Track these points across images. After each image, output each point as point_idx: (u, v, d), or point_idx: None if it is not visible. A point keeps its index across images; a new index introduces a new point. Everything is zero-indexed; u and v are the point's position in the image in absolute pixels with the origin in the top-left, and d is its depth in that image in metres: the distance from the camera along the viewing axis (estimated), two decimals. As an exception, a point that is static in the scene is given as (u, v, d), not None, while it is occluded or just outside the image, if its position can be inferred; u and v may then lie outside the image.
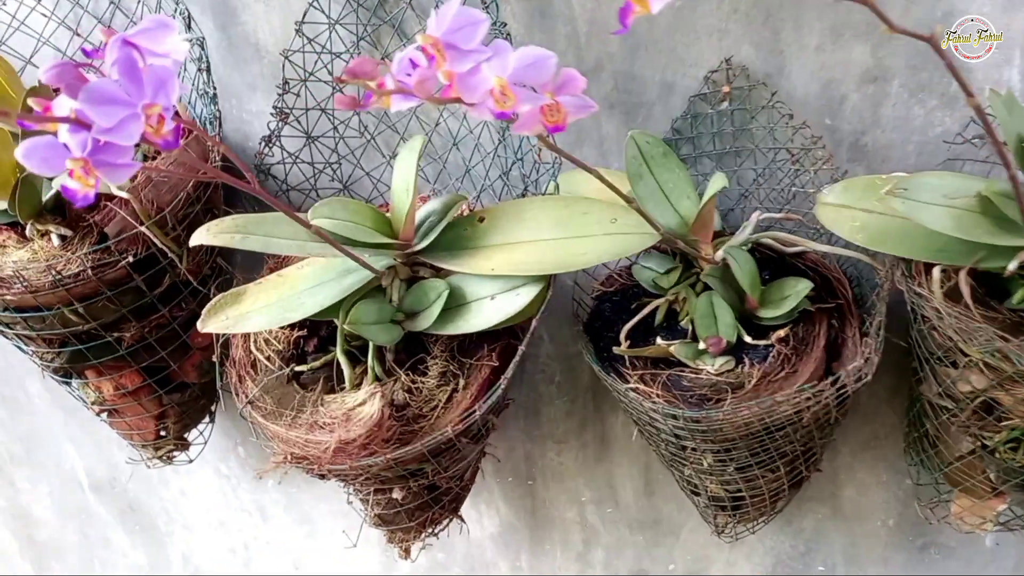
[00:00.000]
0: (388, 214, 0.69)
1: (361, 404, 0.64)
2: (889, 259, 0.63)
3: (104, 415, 0.87)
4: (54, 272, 0.68)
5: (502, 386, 0.64)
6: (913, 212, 0.54)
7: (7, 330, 0.76)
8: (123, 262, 0.68)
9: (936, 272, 0.56)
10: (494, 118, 0.38)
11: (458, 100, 0.39)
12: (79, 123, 0.37)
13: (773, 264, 0.71)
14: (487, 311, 0.65)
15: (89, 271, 0.68)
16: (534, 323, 0.65)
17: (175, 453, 0.94)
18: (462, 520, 0.84)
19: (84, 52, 0.39)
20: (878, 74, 0.69)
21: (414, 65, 0.38)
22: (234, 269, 0.79)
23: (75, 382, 0.85)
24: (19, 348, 0.81)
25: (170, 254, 0.69)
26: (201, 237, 0.60)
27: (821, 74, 0.70)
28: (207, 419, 0.97)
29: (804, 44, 0.70)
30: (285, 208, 0.53)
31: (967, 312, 0.55)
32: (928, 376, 0.64)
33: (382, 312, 0.67)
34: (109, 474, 1.23)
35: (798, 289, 0.64)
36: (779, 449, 0.66)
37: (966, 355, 0.58)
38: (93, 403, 0.85)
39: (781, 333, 0.65)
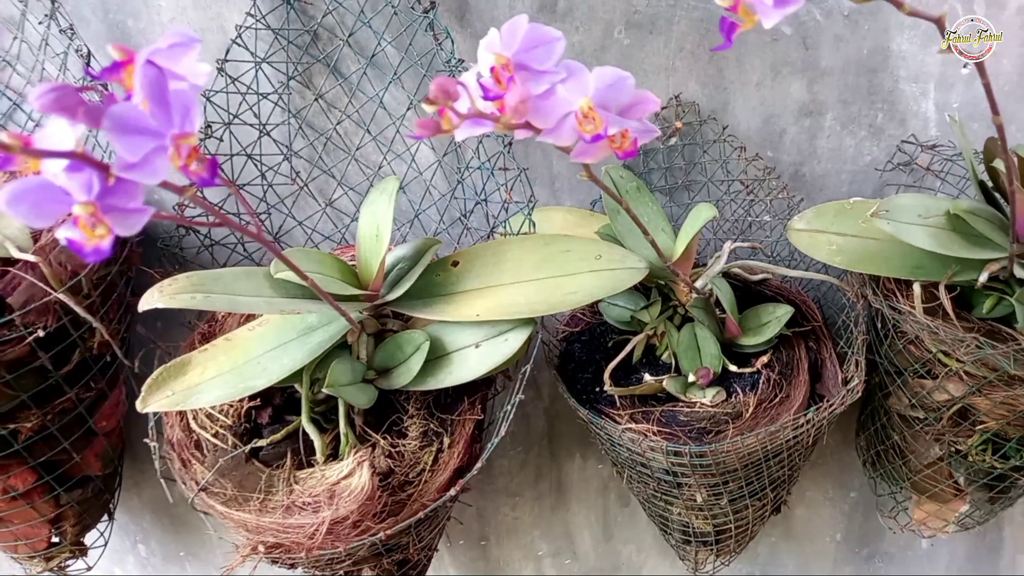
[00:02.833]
0: (353, 263, 0.63)
1: (347, 476, 0.56)
2: (856, 280, 0.66)
3: (-19, 527, 0.72)
4: (-62, 356, 0.55)
5: (500, 435, 0.60)
6: (899, 232, 0.56)
7: None
8: (30, 338, 0.57)
9: (917, 288, 0.59)
10: (585, 142, 0.35)
11: (527, 126, 0.35)
12: (84, 159, 0.30)
13: (738, 293, 0.72)
14: (472, 361, 0.61)
15: (-13, 351, 0.56)
16: (527, 368, 0.61)
17: (70, 561, 0.79)
18: (423, 594, 0.77)
19: (88, 72, 0.32)
20: (813, 108, 0.73)
21: (485, 89, 0.34)
22: (156, 338, 0.68)
23: (-58, 490, 0.70)
24: None
25: (96, 324, 0.59)
26: (153, 300, 0.51)
27: (762, 109, 0.73)
28: (105, 517, 0.83)
29: (746, 80, 0.72)
30: (283, 257, 0.46)
31: (949, 324, 0.58)
32: (899, 390, 0.66)
33: (355, 371, 0.60)
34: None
35: (778, 315, 0.65)
36: (771, 476, 0.66)
37: (945, 365, 0.61)
38: (-31, 514, 0.70)
39: (765, 359, 0.65)
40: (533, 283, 0.61)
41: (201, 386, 0.57)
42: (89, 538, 0.81)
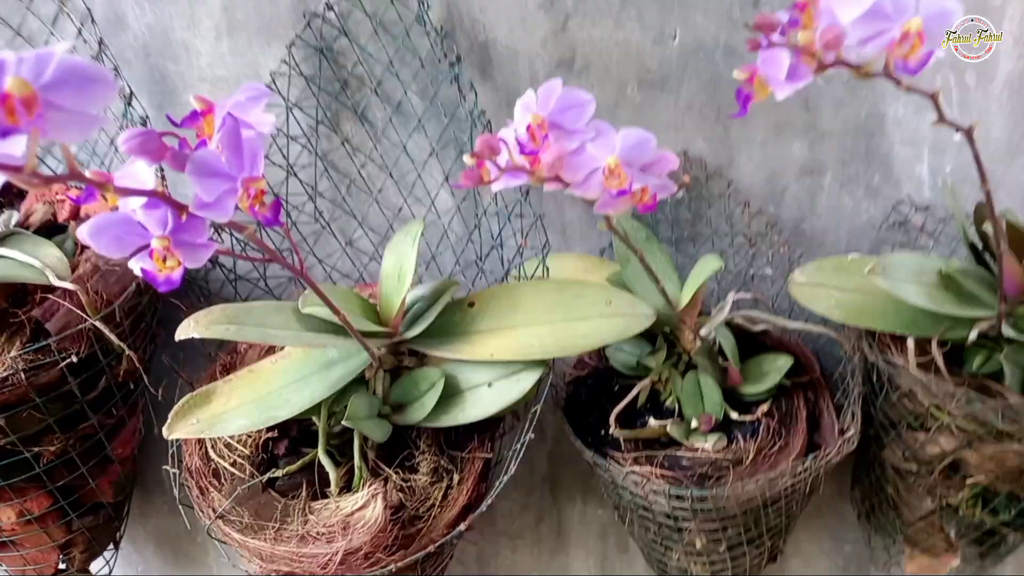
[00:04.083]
0: (373, 301, 0.66)
1: (361, 508, 0.58)
2: (853, 333, 0.69)
3: (-8, 549, 0.73)
4: (-26, 378, 0.57)
5: (510, 473, 0.61)
6: (895, 288, 0.59)
7: None
8: (63, 363, 0.59)
9: (911, 343, 0.62)
10: (610, 196, 0.38)
11: (557, 180, 0.38)
12: (163, 198, 0.33)
13: (740, 342, 0.74)
14: (484, 399, 0.63)
15: (21, 375, 0.58)
16: (537, 408, 0.63)
17: (74, 588, 0.80)
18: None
19: (169, 120, 0.35)
20: (814, 168, 0.77)
21: (521, 145, 0.37)
22: (178, 368, 0.70)
23: (-43, 511, 0.71)
24: None
25: (128, 351, 0.61)
26: (189, 330, 0.53)
27: (765, 166, 0.77)
28: (111, 546, 0.84)
29: (751, 139, 0.76)
30: (321, 293, 0.49)
31: (941, 379, 0.61)
32: (893, 442, 0.69)
33: (372, 406, 0.63)
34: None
35: (778, 365, 0.68)
36: (769, 523, 0.68)
37: (937, 419, 0.63)
38: (-17, 535, 0.71)
39: (765, 407, 0.68)
40: (546, 326, 0.64)
41: (226, 415, 0.59)
42: (94, 566, 0.82)
